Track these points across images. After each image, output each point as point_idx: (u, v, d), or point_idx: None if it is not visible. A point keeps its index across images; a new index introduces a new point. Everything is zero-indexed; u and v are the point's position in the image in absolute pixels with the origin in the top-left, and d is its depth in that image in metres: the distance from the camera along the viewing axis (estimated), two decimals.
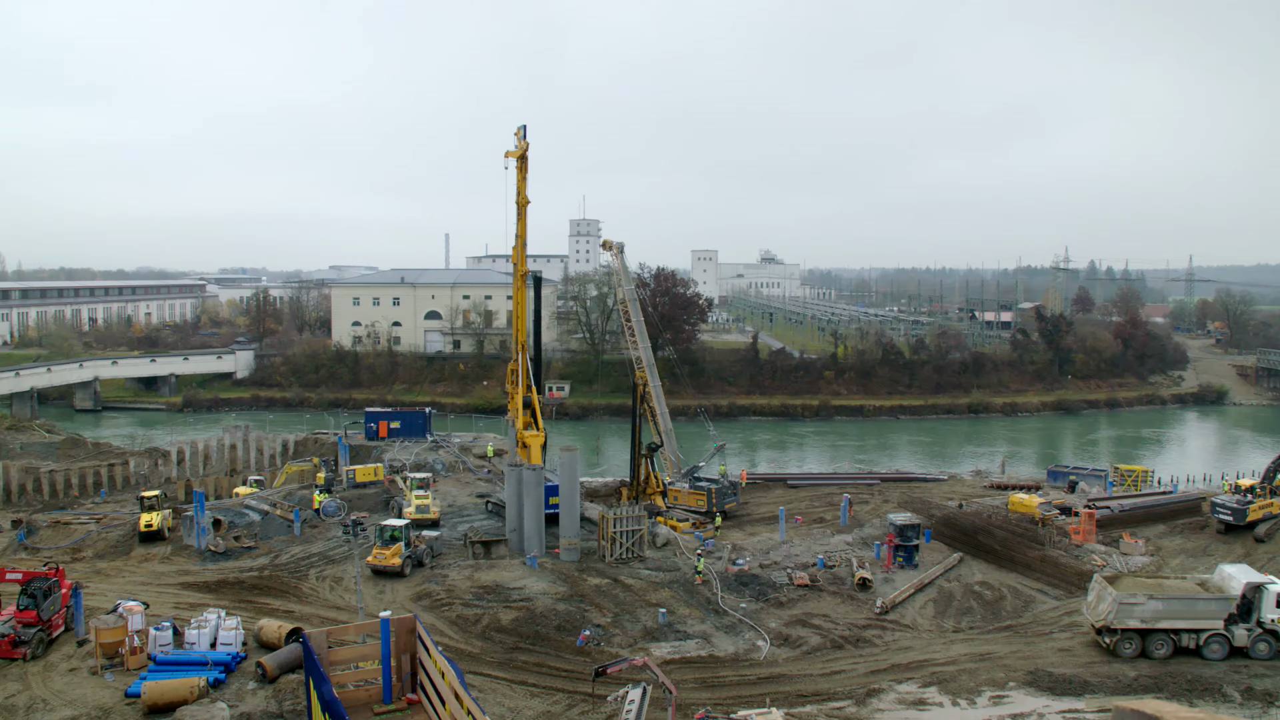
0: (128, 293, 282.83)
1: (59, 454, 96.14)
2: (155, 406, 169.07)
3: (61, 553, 63.97)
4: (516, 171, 62.49)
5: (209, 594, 50.53)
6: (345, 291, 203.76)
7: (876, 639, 47.70)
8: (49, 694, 35.65)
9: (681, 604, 51.54)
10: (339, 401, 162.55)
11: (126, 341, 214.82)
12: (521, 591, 51.26)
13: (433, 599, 50.16)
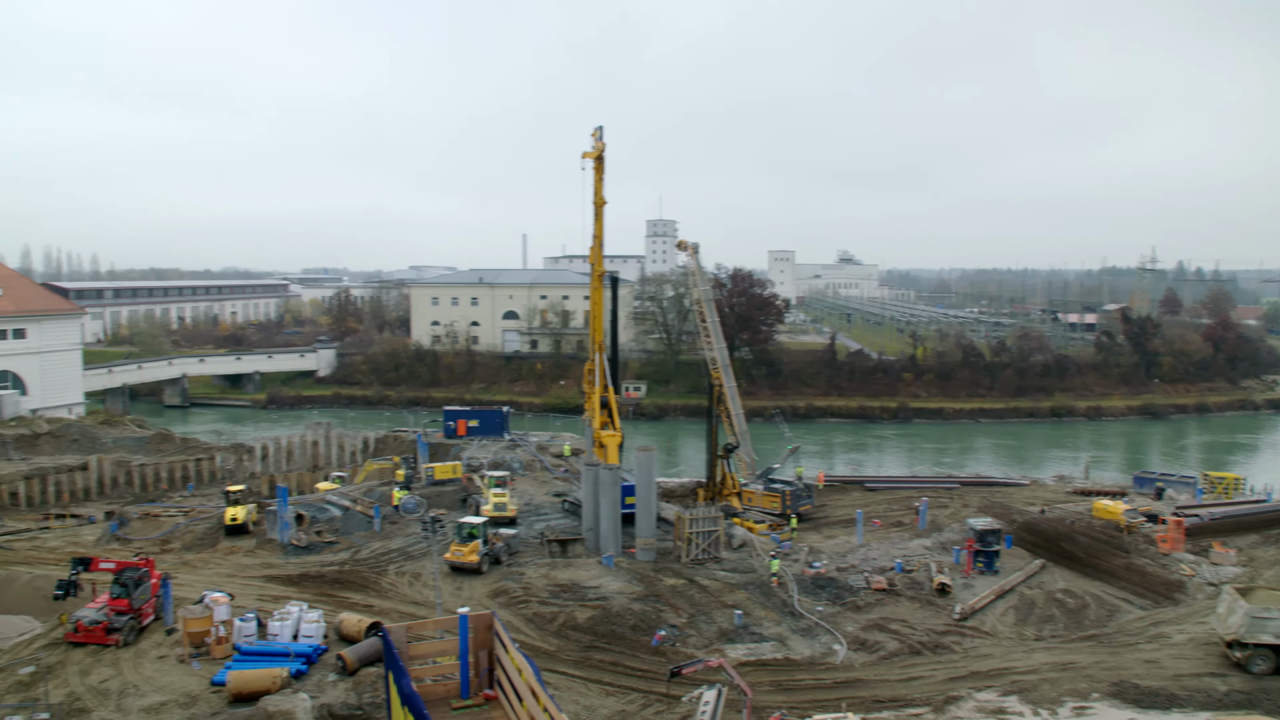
0: (214, 292, 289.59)
1: (149, 448, 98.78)
2: (240, 403, 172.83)
3: (151, 544, 65.65)
4: (594, 172, 62.70)
5: (291, 587, 51.45)
6: (424, 291, 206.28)
7: (955, 645, 47.01)
8: (140, 680, 36.62)
9: (757, 606, 51.32)
10: (418, 400, 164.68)
11: (213, 340, 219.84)
12: (597, 590, 51.45)
13: (509, 596, 50.57)
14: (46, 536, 70.82)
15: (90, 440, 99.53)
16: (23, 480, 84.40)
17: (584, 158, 62.61)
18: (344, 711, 34.09)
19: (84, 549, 62.58)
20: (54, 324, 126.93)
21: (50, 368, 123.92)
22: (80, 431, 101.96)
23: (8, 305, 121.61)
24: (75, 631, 39.91)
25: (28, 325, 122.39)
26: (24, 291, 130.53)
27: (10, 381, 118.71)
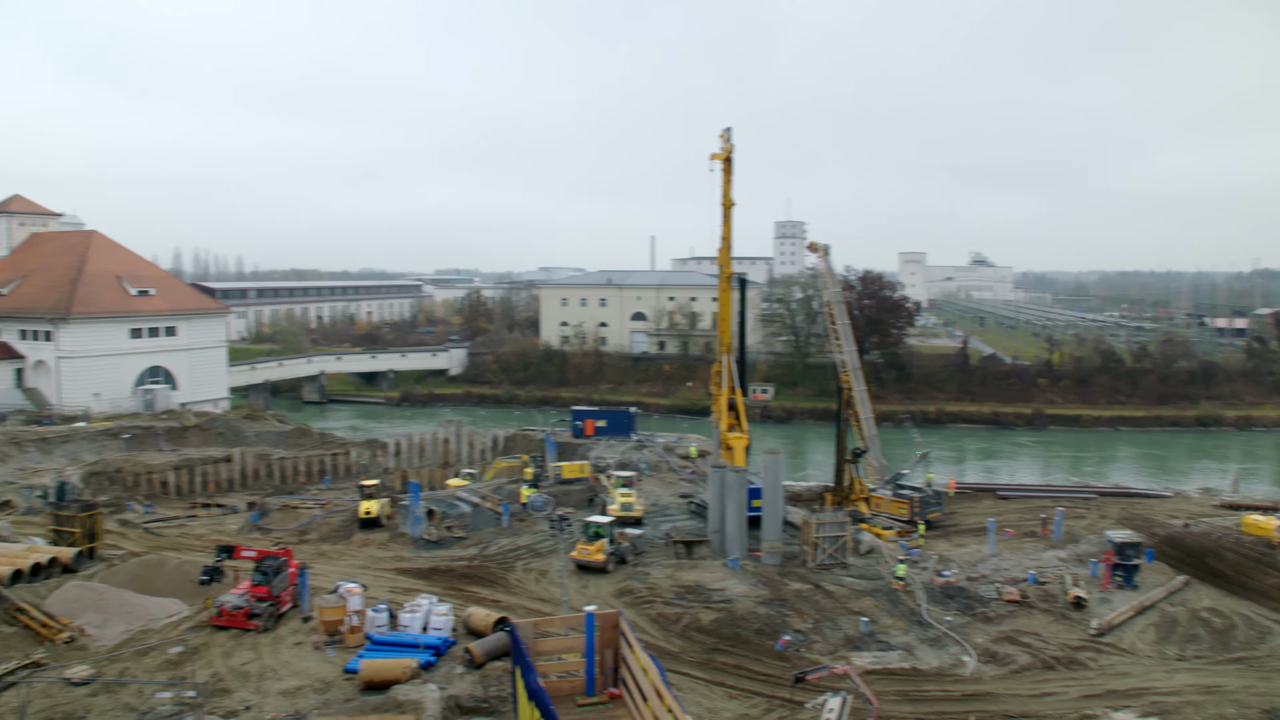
0: (351, 293, 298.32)
1: (288, 443, 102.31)
2: (375, 400, 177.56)
3: (290, 534, 67.95)
4: (722, 174, 62.47)
5: (422, 580, 52.57)
6: (554, 292, 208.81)
7: (1091, 662, 45.40)
8: (277, 664, 37.93)
9: (884, 613, 50.46)
10: (547, 399, 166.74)
11: (350, 338, 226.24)
12: (722, 593, 51.28)
13: (634, 596, 50.77)
14: (193, 524, 73.93)
15: (234, 434, 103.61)
16: (172, 470, 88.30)
17: (712, 159, 62.42)
18: (471, 704, 34.67)
19: (228, 537, 65.08)
20: (202, 322, 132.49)
21: (198, 364, 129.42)
22: (225, 425, 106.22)
23: (160, 304, 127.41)
24: (219, 615, 41.57)
25: (178, 323, 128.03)
26: (175, 291, 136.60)
27: (162, 377, 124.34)
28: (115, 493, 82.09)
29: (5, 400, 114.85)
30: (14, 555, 48.84)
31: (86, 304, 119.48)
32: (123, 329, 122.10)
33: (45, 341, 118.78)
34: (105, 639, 41.30)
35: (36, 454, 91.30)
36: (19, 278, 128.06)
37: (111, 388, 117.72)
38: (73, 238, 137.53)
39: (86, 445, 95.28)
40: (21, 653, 39.14)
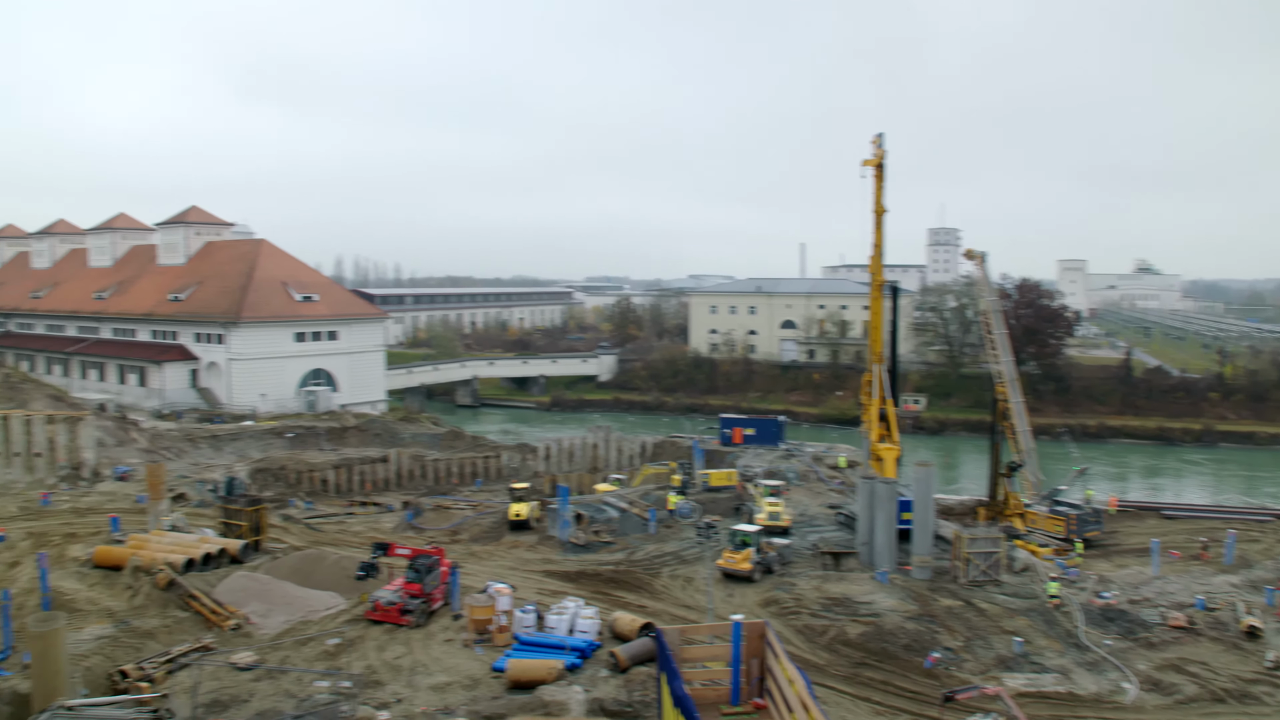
0: (504, 299, 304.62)
1: (442, 445, 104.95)
2: (526, 405, 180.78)
3: (442, 534, 69.60)
4: (873, 180, 61.45)
5: (569, 583, 53.12)
6: (703, 300, 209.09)
7: (1266, 697, 42.76)
8: (428, 660, 38.85)
9: (1039, 634, 48.70)
10: (695, 407, 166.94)
11: (502, 344, 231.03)
12: (870, 606, 50.34)
13: (780, 606, 50.28)
14: (351, 521, 76.44)
15: (391, 435, 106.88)
16: (332, 469, 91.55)
17: (864, 165, 61.44)
18: (615, 707, 34.82)
19: (383, 535, 67.06)
20: (362, 327, 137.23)
21: (358, 367, 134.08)
22: (382, 427, 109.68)
23: (323, 310, 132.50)
24: (374, 610, 42.81)
25: (340, 328, 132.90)
26: (337, 297, 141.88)
27: (324, 379, 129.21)
28: (279, 489, 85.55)
29: (181, 399, 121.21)
30: (187, 545, 51.38)
31: (255, 309, 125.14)
32: (288, 333, 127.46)
33: (218, 344, 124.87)
34: (268, 627, 43.11)
35: (208, 450, 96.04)
36: (195, 284, 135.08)
37: (277, 389, 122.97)
38: (243, 246, 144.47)
39: (253, 443, 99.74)
40: (193, 636, 41.21)
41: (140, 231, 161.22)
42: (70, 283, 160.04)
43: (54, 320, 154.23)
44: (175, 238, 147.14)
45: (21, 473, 77.91)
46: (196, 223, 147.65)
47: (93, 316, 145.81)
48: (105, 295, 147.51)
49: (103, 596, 46.30)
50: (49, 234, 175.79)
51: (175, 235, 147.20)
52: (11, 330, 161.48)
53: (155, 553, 49.43)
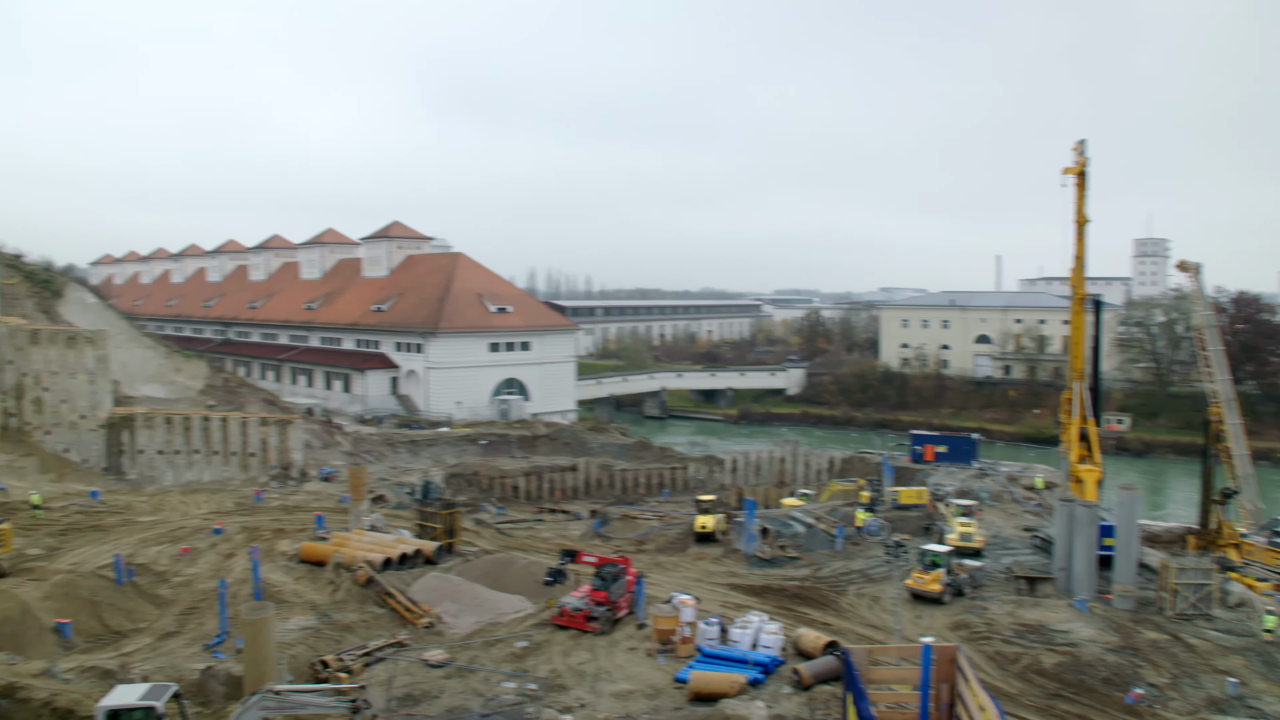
0: (692, 311, 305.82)
1: (630, 455, 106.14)
2: (713, 417, 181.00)
3: (628, 543, 70.23)
4: (1075, 189, 58.89)
5: (753, 597, 52.75)
6: (894, 313, 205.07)
7: None
8: (611, 667, 39.19)
9: (1257, 676, 45.38)
10: (885, 422, 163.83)
11: (690, 356, 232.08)
12: (1067, 635, 48.05)
13: (971, 630, 48.58)
14: (540, 527, 78.07)
15: (580, 444, 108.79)
16: (523, 476, 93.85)
17: (1064, 174, 59.01)
18: None
19: (571, 542, 68.12)
20: (554, 338, 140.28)
21: (549, 377, 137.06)
22: (572, 436, 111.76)
23: (517, 321, 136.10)
24: (560, 615, 43.50)
25: (532, 339, 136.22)
26: (530, 309, 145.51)
27: (516, 388, 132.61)
28: (472, 494, 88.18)
29: (382, 405, 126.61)
30: (386, 545, 53.50)
31: (452, 320, 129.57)
32: (483, 343, 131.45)
33: (417, 353, 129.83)
34: (458, 627, 44.40)
35: (406, 454, 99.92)
36: (396, 296, 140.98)
37: (471, 397, 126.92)
38: (442, 259, 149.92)
39: (448, 449, 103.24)
40: (389, 632, 42.87)
41: (346, 246, 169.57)
42: (283, 294, 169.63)
43: (268, 329, 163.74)
44: (378, 251, 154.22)
45: (237, 470, 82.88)
46: (398, 237, 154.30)
47: (302, 326, 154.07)
48: (314, 306, 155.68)
49: (307, 590, 48.72)
50: (265, 249, 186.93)
51: (379, 249, 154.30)
52: (231, 338, 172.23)
53: (356, 551, 51.70)
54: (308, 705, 25.36)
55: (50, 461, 78.63)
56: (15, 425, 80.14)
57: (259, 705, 24.50)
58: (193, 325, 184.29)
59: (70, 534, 58.92)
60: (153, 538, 58.52)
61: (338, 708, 24.96)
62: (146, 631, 43.24)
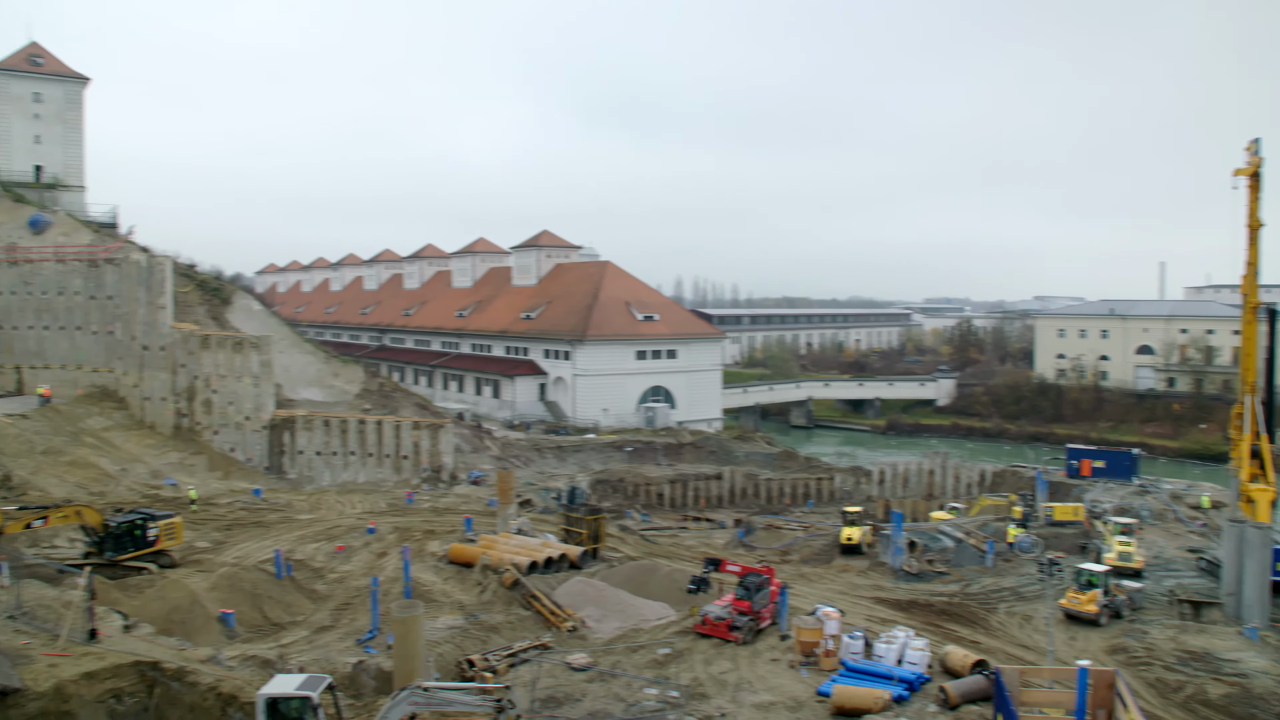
0: (839, 320, 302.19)
1: (775, 464, 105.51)
2: (860, 427, 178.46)
3: (772, 553, 69.78)
4: (1247, 191, 55.84)
5: (899, 612, 51.70)
6: (1050, 323, 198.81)
7: None
8: (753, 677, 38.88)
9: None
10: (1039, 435, 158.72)
11: (837, 365, 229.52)
12: (1235, 665, 45.52)
13: (1129, 655, 46.54)
14: (684, 535, 78.24)
15: (725, 453, 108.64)
16: (668, 483, 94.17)
17: (1235, 175, 56.07)
18: None
19: (714, 550, 68.07)
20: (700, 346, 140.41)
21: (695, 385, 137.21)
22: (717, 444, 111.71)
23: (663, 329, 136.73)
24: (703, 624, 43.36)
25: (678, 347, 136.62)
26: (676, 317, 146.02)
27: (662, 396, 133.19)
28: (617, 500, 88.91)
29: (530, 411, 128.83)
30: (532, 549, 54.35)
31: (599, 327, 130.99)
32: (630, 351, 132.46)
33: (564, 360, 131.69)
34: (601, 632, 44.77)
35: (553, 460, 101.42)
36: (545, 303, 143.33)
37: (618, 404, 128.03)
38: (590, 268, 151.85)
39: (594, 455, 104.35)
40: (533, 634, 43.51)
41: (497, 254, 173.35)
42: (436, 302, 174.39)
43: (421, 335, 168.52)
44: (528, 260, 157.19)
45: (390, 472, 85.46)
46: (547, 246, 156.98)
47: (454, 333, 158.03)
48: (465, 313, 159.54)
49: (455, 590, 49.86)
50: (419, 258, 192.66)
51: (528, 258, 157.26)
52: (386, 344, 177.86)
53: (503, 553, 52.67)
54: (454, 702, 25.90)
55: (218, 460, 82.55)
56: (187, 425, 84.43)
57: (408, 700, 25.13)
58: (350, 331, 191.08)
59: (234, 529, 61.76)
60: (310, 535, 60.88)
61: (483, 706, 25.41)
62: (303, 624, 44.96)
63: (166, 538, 50.71)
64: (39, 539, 53.40)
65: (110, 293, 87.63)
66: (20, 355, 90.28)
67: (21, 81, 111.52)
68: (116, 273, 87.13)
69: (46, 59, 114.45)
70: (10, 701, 25.95)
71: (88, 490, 68.54)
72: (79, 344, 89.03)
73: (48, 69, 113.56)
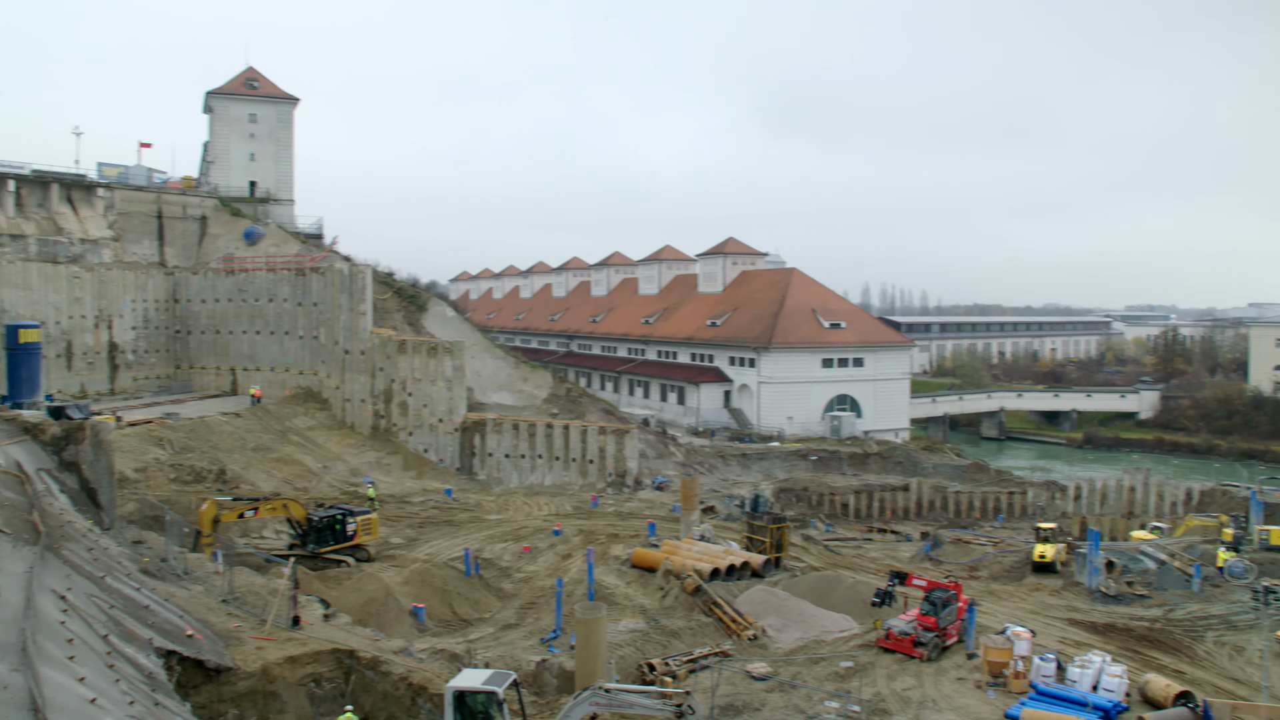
0: (1034, 328, 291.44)
1: (964, 477, 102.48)
2: (1055, 440, 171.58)
3: (960, 568, 67.80)
4: None
5: (1095, 635, 49.42)
6: (1267, 331, 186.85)
7: None
8: (937, 695, 37.85)
9: None
10: (1253, 453, 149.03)
11: (1031, 375, 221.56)
12: None
13: None
14: (868, 547, 76.86)
15: (912, 463, 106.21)
16: (853, 494, 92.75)
17: None
18: None
19: (900, 564, 66.61)
20: (887, 354, 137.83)
21: (882, 394, 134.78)
22: (904, 454, 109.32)
23: (850, 336, 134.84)
24: (886, 638, 42.52)
25: (865, 355, 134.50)
26: (863, 324, 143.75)
27: (848, 404, 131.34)
28: (800, 509, 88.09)
29: (715, 418, 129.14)
30: (714, 555, 54.42)
31: (785, 335, 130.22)
32: (815, 359, 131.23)
33: (749, 368, 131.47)
34: (782, 642, 44.42)
35: (737, 467, 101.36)
36: (730, 310, 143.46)
37: (803, 412, 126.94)
38: (776, 275, 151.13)
39: (778, 463, 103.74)
40: (713, 641, 43.54)
41: (683, 262, 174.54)
42: (622, 309, 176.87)
43: (608, 342, 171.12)
44: (714, 267, 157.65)
45: (576, 476, 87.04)
46: (733, 253, 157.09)
47: (640, 339, 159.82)
48: (651, 320, 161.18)
49: (637, 594, 50.39)
50: (606, 265, 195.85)
51: (714, 265, 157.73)
52: (573, 350, 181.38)
53: (685, 559, 52.92)
54: (634, 705, 26.15)
55: (412, 460, 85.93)
56: (384, 426, 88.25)
57: (589, 700, 25.53)
58: (539, 337, 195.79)
59: (426, 527, 64.14)
60: (498, 535, 62.67)
61: (663, 710, 25.56)
62: (489, 621, 46.31)
63: (364, 533, 53.23)
64: (249, 529, 56.86)
65: (315, 299, 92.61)
66: (235, 358, 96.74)
67: (239, 104, 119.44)
68: (321, 281, 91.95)
69: (261, 82, 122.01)
70: (223, 679, 27.65)
71: (292, 485, 72.47)
72: (287, 348, 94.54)
73: (262, 92, 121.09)
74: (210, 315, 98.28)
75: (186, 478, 64.92)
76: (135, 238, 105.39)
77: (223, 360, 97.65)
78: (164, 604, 30.40)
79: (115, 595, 27.15)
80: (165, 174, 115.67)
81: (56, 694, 16.12)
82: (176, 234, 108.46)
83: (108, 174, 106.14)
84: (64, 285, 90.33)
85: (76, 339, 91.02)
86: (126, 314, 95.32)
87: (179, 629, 28.29)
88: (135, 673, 21.67)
